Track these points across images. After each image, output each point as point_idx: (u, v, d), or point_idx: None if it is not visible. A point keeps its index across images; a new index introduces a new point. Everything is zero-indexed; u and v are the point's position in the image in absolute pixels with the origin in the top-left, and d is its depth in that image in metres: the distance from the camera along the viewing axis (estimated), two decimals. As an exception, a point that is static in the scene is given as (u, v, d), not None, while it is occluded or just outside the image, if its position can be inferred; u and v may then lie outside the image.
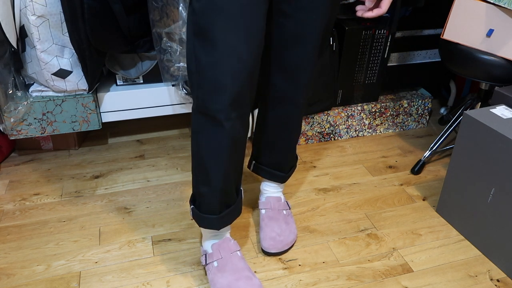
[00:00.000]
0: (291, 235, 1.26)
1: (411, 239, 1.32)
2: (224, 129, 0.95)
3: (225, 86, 0.90)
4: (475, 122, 1.22)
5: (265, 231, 1.25)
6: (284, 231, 1.25)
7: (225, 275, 1.09)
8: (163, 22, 1.42)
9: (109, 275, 1.18)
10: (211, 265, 1.12)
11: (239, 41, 0.88)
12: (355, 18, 1.67)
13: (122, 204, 1.44)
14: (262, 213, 1.29)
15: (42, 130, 1.53)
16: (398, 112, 1.86)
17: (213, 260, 1.11)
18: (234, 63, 0.89)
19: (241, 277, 1.08)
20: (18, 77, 1.45)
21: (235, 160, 1.02)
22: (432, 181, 1.59)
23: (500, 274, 1.21)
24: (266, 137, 1.21)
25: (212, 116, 0.94)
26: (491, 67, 1.37)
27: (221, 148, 0.97)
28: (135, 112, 1.63)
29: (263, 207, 1.30)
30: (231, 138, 0.97)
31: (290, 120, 1.16)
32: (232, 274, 1.09)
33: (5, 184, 1.53)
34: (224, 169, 1.00)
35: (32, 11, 1.29)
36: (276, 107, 1.14)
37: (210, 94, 0.92)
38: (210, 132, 0.96)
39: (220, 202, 1.05)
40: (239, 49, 0.89)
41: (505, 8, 1.31)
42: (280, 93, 1.11)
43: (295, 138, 1.21)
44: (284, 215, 1.30)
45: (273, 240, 1.23)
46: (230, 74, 0.90)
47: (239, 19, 0.87)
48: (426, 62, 1.85)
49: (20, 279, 1.16)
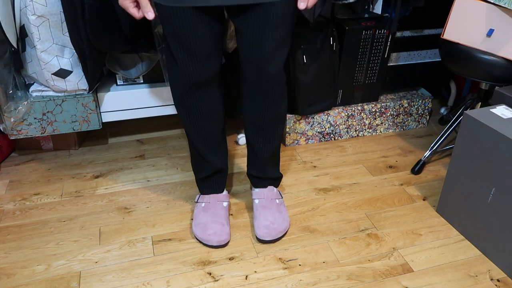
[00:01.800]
0: (284, 223, 1.31)
1: (411, 239, 1.32)
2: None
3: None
4: (475, 122, 1.22)
5: (259, 220, 1.30)
6: (277, 219, 1.30)
7: (206, 215, 1.30)
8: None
9: (109, 275, 1.18)
10: (199, 204, 1.35)
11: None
12: (355, 18, 1.67)
13: (122, 204, 1.44)
14: (256, 203, 1.35)
15: (42, 130, 1.53)
16: (398, 112, 1.86)
17: (202, 201, 1.34)
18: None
19: (216, 221, 1.29)
20: (18, 77, 1.45)
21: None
22: (432, 181, 1.59)
23: (500, 274, 1.21)
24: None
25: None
26: (491, 67, 1.37)
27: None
28: (135, 112, 1.63)
29: (257, 196, 1.36)
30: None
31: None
32: (212, 217, 1.30)
33: (5, 184, 1.53)
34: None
35: (32, 11, 1.29)
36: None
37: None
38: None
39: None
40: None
41: (505, 8, 1.31)
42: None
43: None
44: (277, 204, 1.35)
45: (267, 228, 1.28)
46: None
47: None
48: (426, 62, 1.85)
49: (20, 279, 1.16)
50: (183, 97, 1.16)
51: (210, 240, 1.25)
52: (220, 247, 1.27)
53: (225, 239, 1.26)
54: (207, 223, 1.28)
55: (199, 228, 1.28)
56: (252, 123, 1.25)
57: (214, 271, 1.19)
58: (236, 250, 1.26)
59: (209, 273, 1.19)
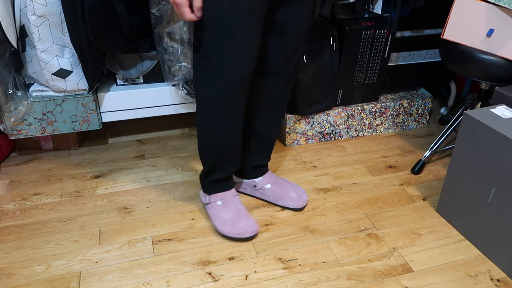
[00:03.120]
0: (304, 193, 1.44)
1: (411, 239, 1.32)
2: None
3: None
4: (475, 122, 1.22)
5: (286, 196, 1.41)
6: (297, 189, 1.43)
7: (229, 211, 1.31)
8: (164, 22, 1.42)
9: (109, 275, 1.18)
10: (214, 203, 1.33)
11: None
12: (355, 18, 1.67)
13: (122, 204, 1.44)
14: (268, 187, 1.42)
15: (42, 130, 1.53)
16: (398, 112, 1.86)
17: (217, 200, 1.32)
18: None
19: (241, 214, 1.30)
20: (18, 77, 1.45)
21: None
22: (432, 181, 1.59)
23: (500, 274, 1.21)
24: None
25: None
26: (491, 67, 1.37)
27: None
28: (135, 112, 1.63)
29: (265, 182, 1.43)
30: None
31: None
32: (235, 211, 1.31)
33: (5, 184, 1.53)
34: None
35: (32, 11, 1.29)
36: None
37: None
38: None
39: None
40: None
41: (505, 8, 1.31)
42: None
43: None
44: (284, 180, 1.47)
45: (300, 199, 1.40)
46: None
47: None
48: (426, 62, 1.85)
49: (20, 279, 1.16)
50: (223, 95, 1.13)
51: (244, 233, 1.28)
52: (252, 238, 1.31)
53: (257, 228, 1.30)
54: (233, 217, 1.29)
55: (228, 225, 1.28)
56: (269, 112, 1.30)
57: (214, 271, 1.19)
58: (236, 250, 1.26)
59: (209, 273, 1.19)
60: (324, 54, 1.62)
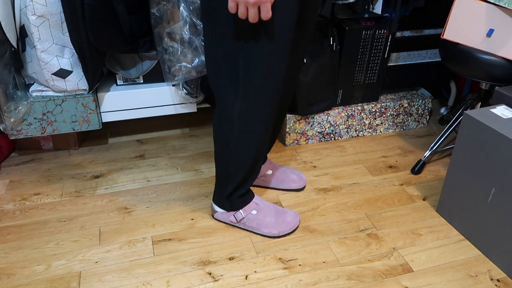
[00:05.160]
0: (302, 173, 1.52)
1: (411, 239, 1.32)
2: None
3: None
4: (475, 122, 1.22)
5: (288, 179, 1.48)
6: (295, 171, 1.51)
7: (268, 213, 1.31)
8: (164, 22, 1.42)
9: (109, 275, 1.18)
10: (250, 215, 1.31)
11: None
12: (355, 18, 1.67)
13: (122, 204, 1.44)
14: (269, 174, 1.49)
15: (42, 130, 1.53)
16: (398, 112, 1.86)
17: (252, 210, 1.31)
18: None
19: (278, 211, 1.33)
20: (18, 77, 1.45)
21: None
22: (432, 181, 1.59)
23: (500, 274, 1.21)
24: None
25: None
26: (491, 67, 1.37)
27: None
28: (135, 112, 1.63)
29: (267, 168, 1.48)
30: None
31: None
32: (273, 211, 1.32)
33: (5, 184, 1.53)
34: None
35: (32, 11, 1.29)
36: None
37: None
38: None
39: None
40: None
41: (505, 8, 1.31)
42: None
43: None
44: (280, 166, 1.53)
45: (300, 179, 1.49)
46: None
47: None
48: (426, 62, 1.85)
49: (20, 279, 1.16)
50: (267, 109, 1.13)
51: (295, 224, 1.33)
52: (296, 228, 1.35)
53: (298, 214, 1.36)
54: (276, 217, 1.31)
55: (278, 226, 1.30)
56: (285, 107, 1.35)
57: (214, 271, 1.19)
58: (236, 250, 1.26)
59: (209, 273, 1.19)
60: (324, 54, 1.61)
